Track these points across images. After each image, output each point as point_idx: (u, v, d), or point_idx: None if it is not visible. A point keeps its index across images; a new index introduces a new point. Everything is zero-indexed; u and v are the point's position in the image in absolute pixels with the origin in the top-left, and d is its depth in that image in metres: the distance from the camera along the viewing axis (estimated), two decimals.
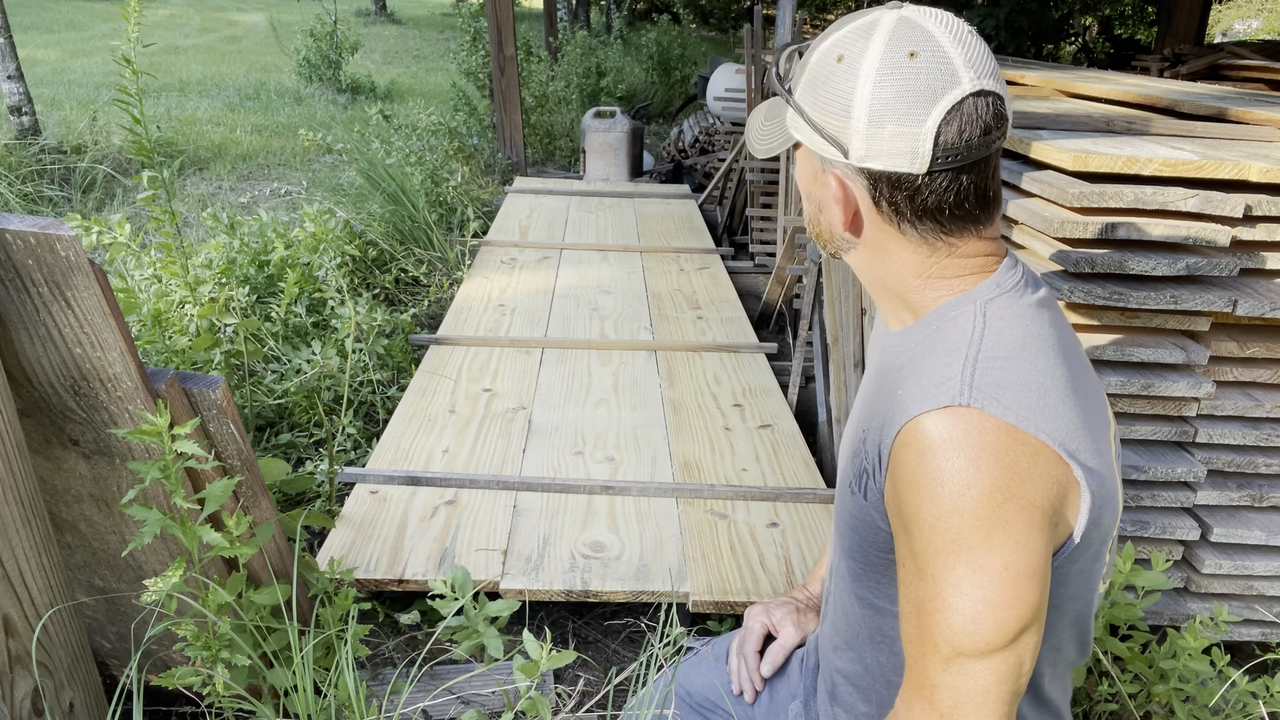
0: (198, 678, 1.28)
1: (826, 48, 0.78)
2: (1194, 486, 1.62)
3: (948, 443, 0.70)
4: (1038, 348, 0.76)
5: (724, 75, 5.96)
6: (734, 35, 17.74)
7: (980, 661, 0.71)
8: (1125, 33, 14.28)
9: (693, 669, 1.25)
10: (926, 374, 0.75)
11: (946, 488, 0.70)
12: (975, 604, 0.70)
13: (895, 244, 0.81)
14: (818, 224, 0.87)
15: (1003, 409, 0.70)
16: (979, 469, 0.69)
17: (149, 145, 2.26)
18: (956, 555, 0.70)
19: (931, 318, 0.82)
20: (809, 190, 0.86)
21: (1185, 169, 1.42)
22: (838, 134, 0.77)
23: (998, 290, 0.80)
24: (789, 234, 3.35)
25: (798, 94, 0.80)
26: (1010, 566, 0.70)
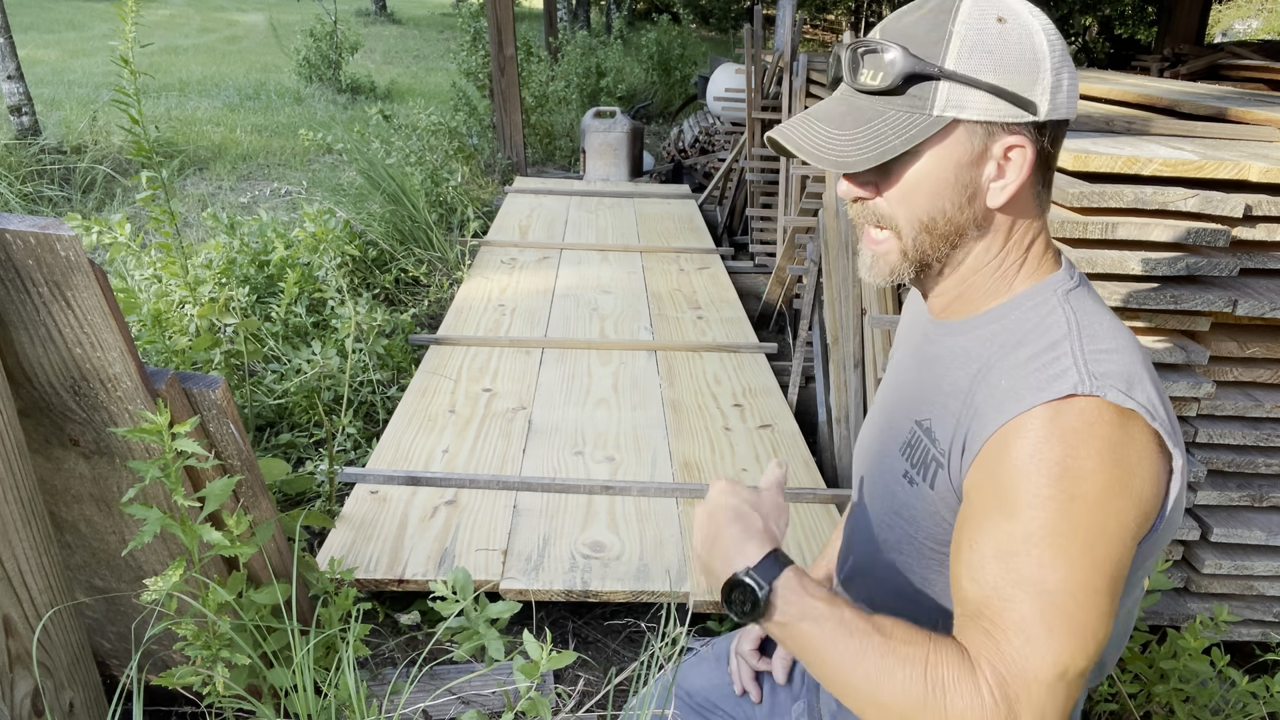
0: (198, 678, 1.28)
1: (970, 14, 0.74)
2: (1194, 486, 1.62)
3: (1074, 430, 0.70)
4: (1126, 340, 0.76)
5: (724, 75, 5.96)
6: (734, 35, 17.74)
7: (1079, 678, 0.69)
8: (1125, 33, 14.28)
9: (693, 670, 1.25)
10: (1031, 364, 0.75)
11: (1071, 472, 0.69)
12: (1083, 592, 0.69)
13: (1025, 212, 0.81)
14: (949, 223, 0.79)
15: (1122, 396, 0.71)
16: (1103, 458, 0.70)
17: (148, 145, 2.26)
18: (1073, 541, 0.69)
19: (1010, 305, 0.82)
20: (958, 180, 0.77)
21: (1185, 169, 1.42)
22: (1026, 90, 0.74)
23: (1071, 282, 0.81)
24: (789, 234, 3.35)
25: (957, 66, 0.74)
26: (1113, 560, 0.70)
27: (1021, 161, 0.76)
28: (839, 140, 0.78)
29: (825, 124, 0.80)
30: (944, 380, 0.84)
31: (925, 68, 0.74)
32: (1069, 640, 0.68)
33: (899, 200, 0.80)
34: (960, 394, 0.81)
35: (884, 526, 0.92)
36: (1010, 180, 0.77)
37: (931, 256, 0.82)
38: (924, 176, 0.78)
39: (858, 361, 2.41)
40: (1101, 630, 0.69)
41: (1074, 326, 0.76)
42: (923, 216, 0.80)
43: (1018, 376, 0.75)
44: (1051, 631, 0.68)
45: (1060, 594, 0.68)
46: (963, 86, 0.74)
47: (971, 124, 0.75)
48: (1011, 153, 0.76)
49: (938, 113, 0.75)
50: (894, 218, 0.81)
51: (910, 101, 0.76)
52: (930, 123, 0.76)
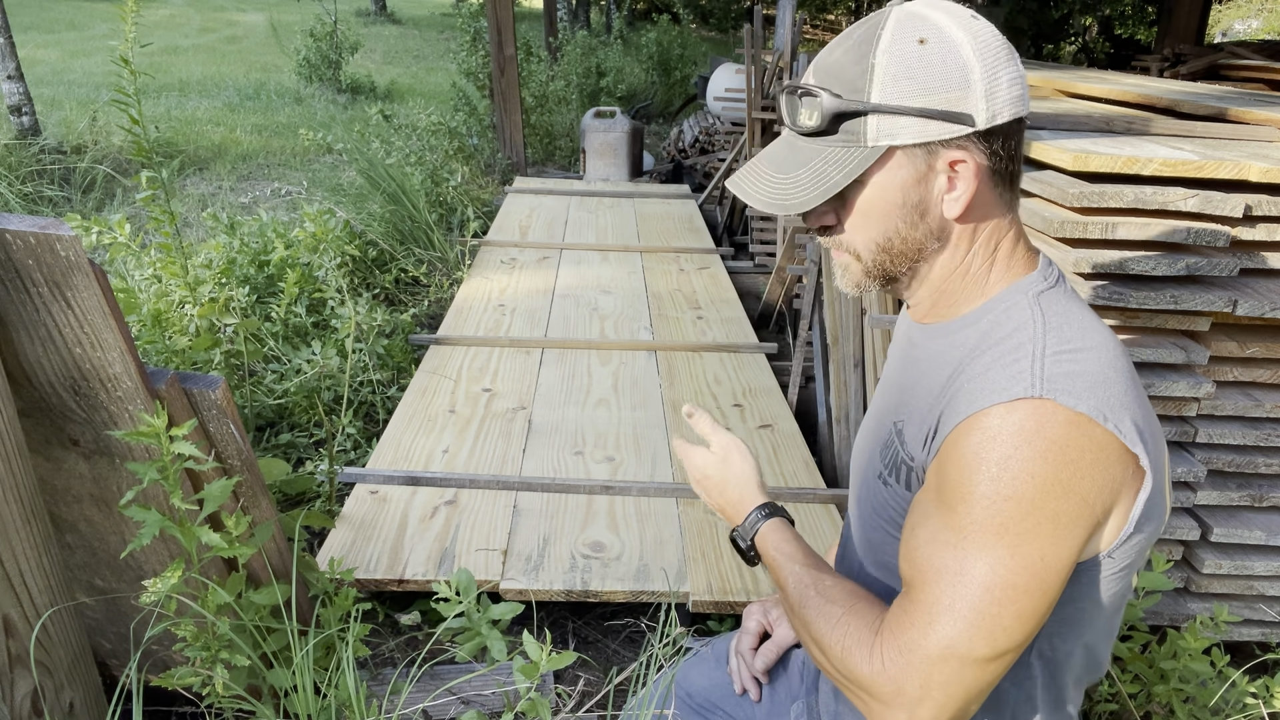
0: (197, 678, 1.28)
1: (890, 44, 0.76)
2: (1194, 486, 1.62)
3: (1019, 432, 0.71)
4: (1098, 340, 0.76)
5: (724, 75, 5.96)
6: (734, 35, 17.74)
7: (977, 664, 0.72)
8: (1125, 33, 14.29)
9: (693, 669, 1.25)
10: (993, 367, 0.76)
11: (1009, 472, 0.71)
12: (1000, 587, 0.71)
13: (987, 217, 0.82)
14: (904, 241, 0.81)
15: (1075, 400, 0.71)
16: (1045, 460, 0.70)
17: (148, 145, 2.26)
18: (1000, 540, 0.71)
19: (983, 310, 0.82)
20: (904, 201, 0.79)
21: (1185, 169, 1.42)
22: (958, 105, 0.75)
23: (1045, 283, 0.82)
24: (789, 234, 3.35)
25: (882, 98, 0.76)
26: (1046, 560, 0.71)
27: (968, 173, 0.78)
28: (782, 184, 0.82)
29: (770, 168, 0.83)
30: (919, 383, 0.86)
31: (851, 105, 0.77)
32: (968, 627, 0.71)
33: (854, 227, 0.83)
34: (931, 397, 0.82)
35: (869, 527, 0.94)
36: (961, 192, 0.78)
37: (894, 271, 0.84)
38: (873, 203, 0.80)
39: (858, 361, 2.41)
40: (1018, 627, 0.72)
41: (1039, 328, 0.77)
42: (878, 239, 0.82)
43: (979, 378, 0.76)
44: (956, 619, 0.72)
45: (975, 587, 0.71)
46: (891, 116, 0.76)
47: (909, 147, 0.77)
48: (957, 166, 0.78)
49: (872, 143, 0.77)
50: (853, 243, 0.84)
51: (845, 138, 0.79)
52: (867, 154, 0.78)
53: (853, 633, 0.79)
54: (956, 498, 0.73)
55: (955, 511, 0.73)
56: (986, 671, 0.73)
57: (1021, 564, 0.71)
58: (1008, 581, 0.71)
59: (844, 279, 0.88)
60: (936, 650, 0.72)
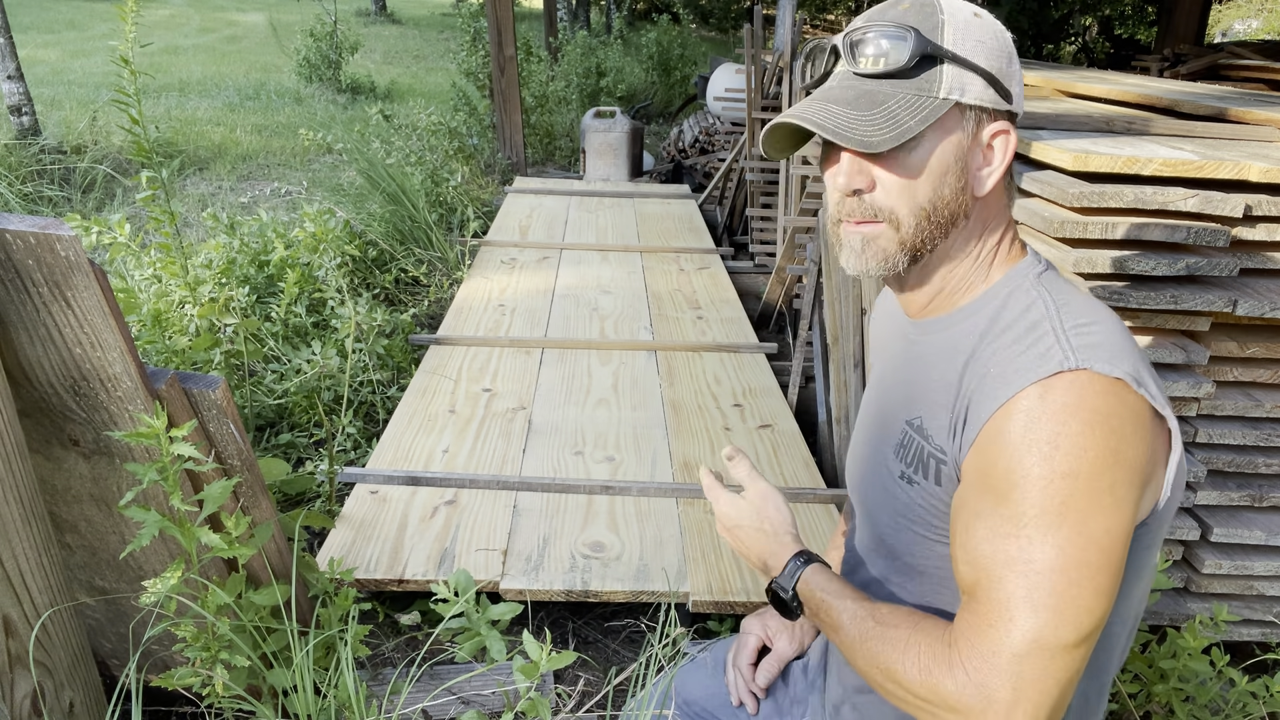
0: (197, 678, 1.28)
1: (952, 6, 0.77)
2: (1194, 486, 1.62)
3: (1063, 407, 0.70)
4: (1103, 313, 0.77)
5: (724, 75, 5.96)
6: (734, 35, 17.74)
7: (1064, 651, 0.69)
8: (1125, 33, 14.28)
9: (690, 677, 1.24)
10: (1015, 347, 0.75)
11: (1061, 450, 0.69)
12: (1074, 567, 0.68)
13: (998, 203, 0.83)
14: (947, 208, 0.79)
15: (1109, 366, 0.71)
16: (1094, 431, 0.69)
17: (147, 145, 2.26)
18: (1065, 520, 0.69)
19: (984, 298, 0.83)
20: (957, 163, 0.78)
21: (1185, 169, 1.42)
22: (1006, 79, 0.77)
23: (1040, 265, 0.83)
24: (789, 234, 3.35)
25: (960, 49, 0.76)
26: (1111, 532, 0.69)
27: (1005, 148, 0.79)
28: (858, 120, 0.76)
29: (840, 105, 0.78)
30: (931, 377, 0.84)
31: (935, 49, 0.75)
32: (1052, 615, 0.68)
33: (900, 189, 0.79)
34: (949, 387, 0.81)
35: (891, 532, 0.90)
36: (996, 166, 0.79)
37: (926, 246, 0.81)
38: (926, 162, 0.77)
39: (858, 361, 2.41)
40: (1098, 605, 0.69)
41: (1050, 306, 0.77)
42: (924, 204, 0.79)
43: (1004, 361, 0.75)
44: (1035, 609, 0.68)
45: (1048, 572, 0.68)
46: (963, 70, 0.76)
47: (968, 108, 0.77)
48: (996, 139, 0.78)
49: (943, 95, 0.76)
50: (893, 209, 0.80)
51: (919, 84, 0.76)
52: (938, 105, 0.76)
53: (926, 650, 0.74)
54: (1008, 485, 0.71)
55: (1010, 500, 0.71)
56: (1075, 658, 0.69)
57: (1089, 540, 0.69)
58: (1080, 560, 0.68)
59: (866, 255, 0.82)
60: (1022, 646, 0.68)
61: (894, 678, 0.75)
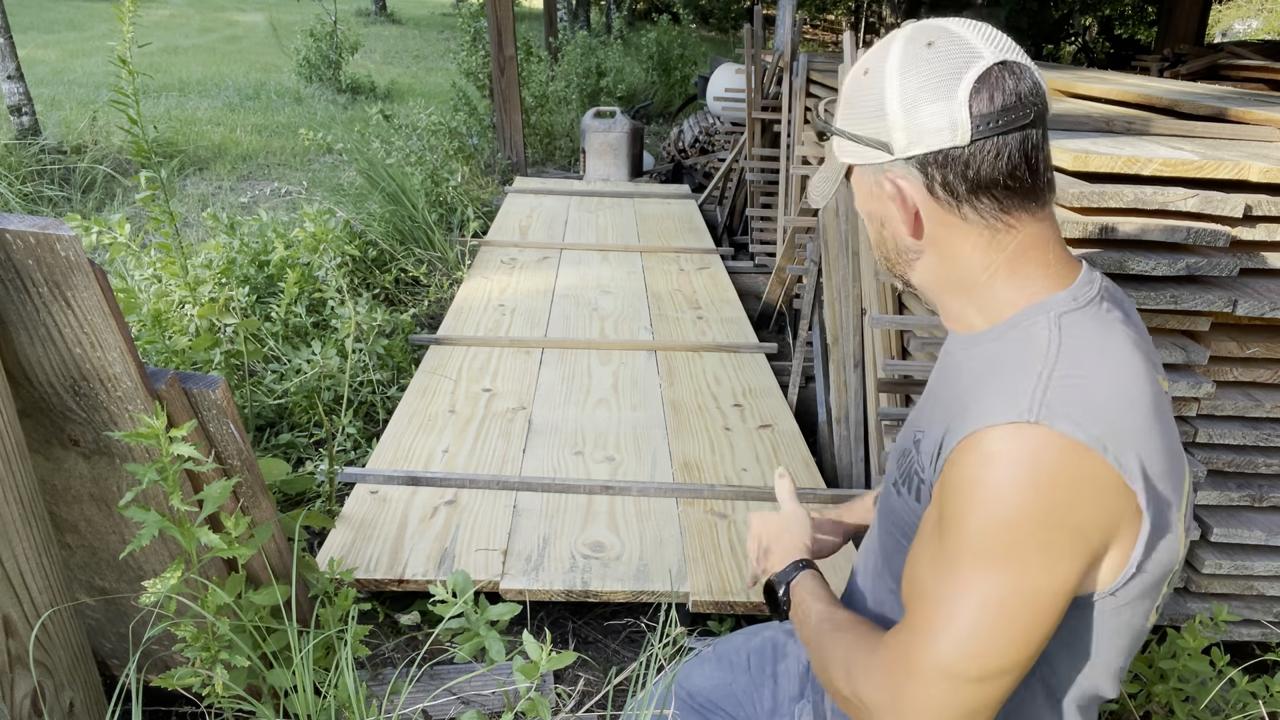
0: (197, 678, 1.28)
1: (854, 73, 0.85)
2: (1194, 487, 1.62)
3: (1012, 457, 0.70)
4: (1116, 369, 0.74)
5: (724, 75, 5.96)
6: (734, 35, 17.74)
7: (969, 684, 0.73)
8: (1125, 33, 14.29)
9: (694, 670, 1.25)
10: (1000, 387, 0.75)
11: (1003, 501, 0.70)
12: (994, 611, 0.71)
13: (958, 235, 0.82)
14: (884, 244, 0.89)
15: (1073, 426, 0.69)
16: (1038, 489, 0.69)
17: (147, 145, 2.26)
18: (991, 566, 0.71)
19: (1003, 327, 0.81)
20: (870, 211, 0.88)
21: (1185, 169, 1.42)
22: (878, 134, 0.81)
23: (1073, 304, 0.79)
24: (789, 234, 3.35)
25: (837, 121, 0.86)
26: (1039, 590, 0.71)
27: (900, 195, 0.82)
28: (818, 180, 0.94)
29: (817, 173, 0.96)
30: (942, 394, 0.86)
31: (822, 125, 0.89)
32: (962, 649, 0.72)
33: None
34: (948, 408, 0.81)
35: (884, 533, 0.95)
36: (898, 211, 0.83)
37: (894, 272, 0.91)
38: (860, 207, 0.90)
39: (858, 361, 2.41)
40: (1014, 650, 0.72)
41: (1053, 350, 0.75)
42: (874, 240, 0.92)
43: (984, 398, 0.75)
44: (950, 639, 0.73)
45: (968, 609, 0.72)
46: (839, 138, 0.86)
47: (859, 166, 0.86)
48: (892, 187, 0.82)
49: (839, 159, 0.88)
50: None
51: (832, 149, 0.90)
52: (840, 167, 0.89)
53: (856, 655, 0.82)
54: (953, 521, 0.74)
55: (949, 536, 0.74)
56: (982, 692, 0.73)
57: (1013, 590, 0.71)
58: (1000, 606, 0.71)
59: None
60: (933, 670, 0.73)
61: (829, 671, 0.85)
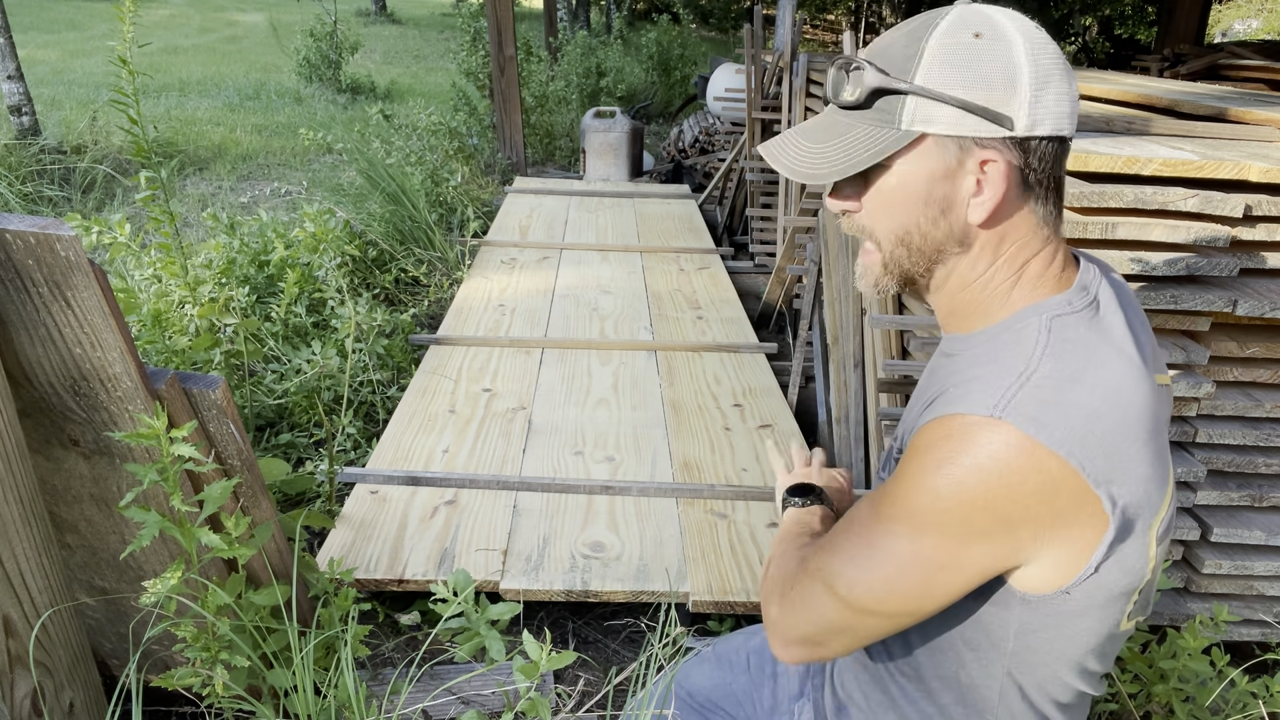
0: (197, 678, 1.28)
1: (945, 32, 0.75)
2: (1194, 486, 1.62)
3: (968, 443, 0.71)
4: (1103, 375, 0.73)
5: (724, 75, 5.96)
6: (734, 35, 17.74)
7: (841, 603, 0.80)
8: (1125, 33, 14.29)
9: (694, 670, 1.25)
10: (980, 381, 0.75)
11: (942, 472, 0.72)
12: (884, 551, 0.77)
13: (1014, 230, 0.79)
14: (925, 234, 0.80)
15: (1036, 429, 0.69)
16: (979, 475, 0.70)
17: (147, 145, 2.26)
18: (912, 526, 0.75)
19: (1000, 327, 0.80)
20: (929, 194, 0.78)
21: (1185, 169, 1.42)
22: (1000, 105, 0.74)
23: (1068, 308, 0.78)
24: (789, 234, 3.35)
25: (925, 81, 0.75)
26: (944, 568, 0.75)
27: (996, 176, 0.76)
28: (811, 154, 0.81)
29: (804, 139, 0.83)
30: (928, 390, 0.86)
31: (892, 83, 0.76)
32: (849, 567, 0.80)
33: (875, 213, 0.82)
34: (928, 399, 0.82)
35: None
36: (988, 196, 0.76)
37: (912, 271, 0.83)
38: (896, 189, 0.79)
39: (858, 361, 2.41)
40: (892, 600, 0.77)
41: (1039, 351, 0.74)
42: (897, 230, 0.81)
43: (963, 385, 0.75)
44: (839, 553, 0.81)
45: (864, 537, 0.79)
46: (929, 101, 0.75)
47: (941, 138, 0.76)
48: (986, 167, 0.76)
49: (905, 126, 0.76)
50: (873, 230, 0.83)
51: (879, 115, 0.78)
52: (898, 136, 0.77)
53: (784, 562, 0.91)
54: (900, 477, 0.77)
55: (892, 487, 0.78)
56: (848, 618, 0.80)
57: (912, 548, 0.75)
58: (892, 551, 0.76)
59: (864, 278, 0.87)
60: (821, 573, 0.82)
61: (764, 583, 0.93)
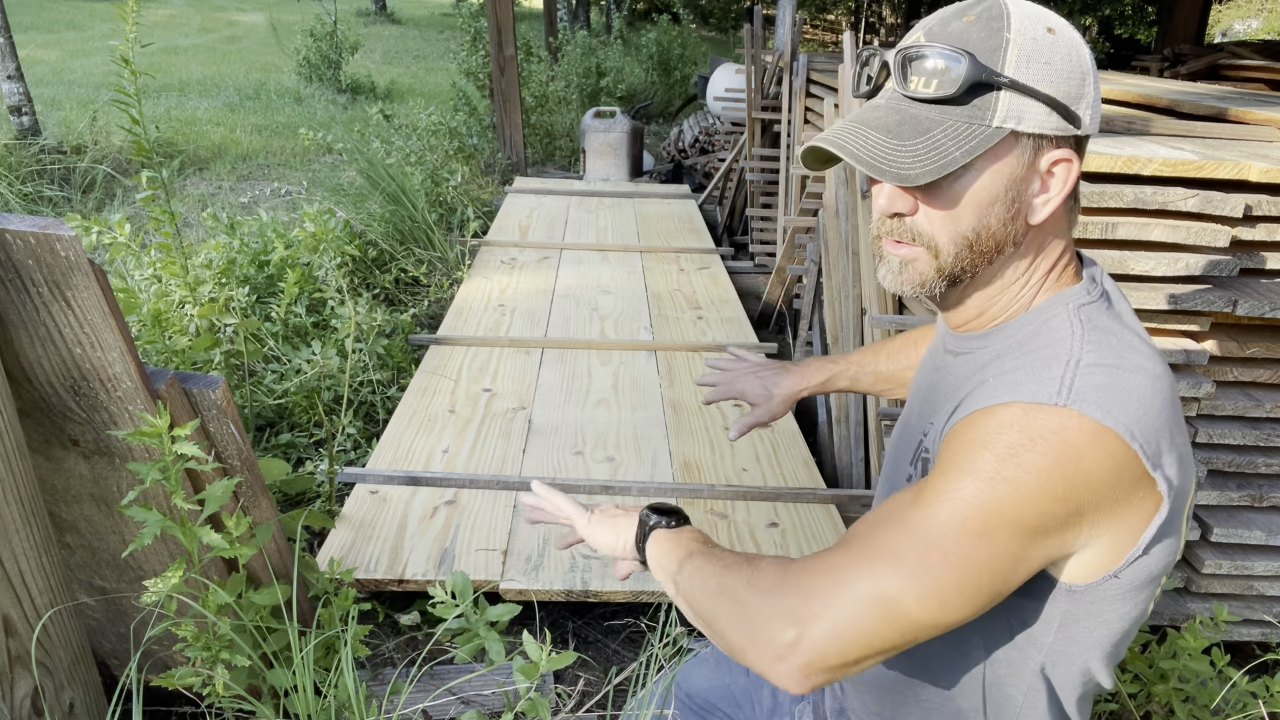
0: (198, 678, 1.28)
1: (1022, 23, 0.72)
2: (1195, 486, 1.62)
3: (1039, 430, 0.68)
4: (1139, 358, 0.73)
5: (724, 75, 5.96)
6: (734, 35, 17.74)
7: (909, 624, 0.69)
8: (1125, 33, 14.29)
9: (693, 671, 1.25)
10: (1021, 370, 0.74)
11: (1017, 460, 0.68)
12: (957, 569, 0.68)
13: (1056, 228, 0.79)
14: (993, 239, 0.76)
15: (1103, 413, 0.68)
16: (1057, 463, 0.68)
17: (148, 145, 2.26)
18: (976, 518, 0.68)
19: (1026, 319, 0.80)
20: (999, 193, 0.74)
21: (1185, 169, 1.42)
22: (1075, 104, 0.73)
23: (1087, 297, 0.79)
24: (789, 234, 3.35)
25: (1021, 75, 0.71)
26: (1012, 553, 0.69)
27: (1066, 175, 0.74)
28: (897, 151, 0.73)
29: (880, 133, 0.75)
30: (950, 388, 0.85)
31: (991, 76, 0.71)
32: (908, 576, 0.68)
33: (943, 217, 0.76)
34: (955, 392, 0.81)
35: None
36: (1054, 195, 0.75)
37: (967, 273, 0.79)
38: (975, 191, 0.74)
39: None
40: (957, 600, 0.68)
41: (1078, 340, 0.74)
42: (968, 233, 0.76)
43: (1005, 376, 0.74)
44: (898, 561, 0.68)
45: (930, 543, 0.68)
46: (1022, 97, 0.71)
47: (1025, 136, 0.73)
48: (1057, 167, 0.74)
49: (997, 124, 0.72)
50: (932, 235, 0.77)
51: (971, 111, 0.73)
52: (989, 134, 0.72)
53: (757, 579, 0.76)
54: (954, 466, 0.70)
55: (946, 476, 0.70)
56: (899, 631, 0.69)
57: (989, 547, 0.68)
58: (967, 554, 0.68)
59: (904, 276, 0.80)
60: (866, 586, 0.68)
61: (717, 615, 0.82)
